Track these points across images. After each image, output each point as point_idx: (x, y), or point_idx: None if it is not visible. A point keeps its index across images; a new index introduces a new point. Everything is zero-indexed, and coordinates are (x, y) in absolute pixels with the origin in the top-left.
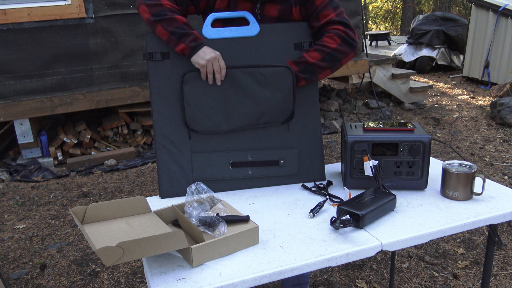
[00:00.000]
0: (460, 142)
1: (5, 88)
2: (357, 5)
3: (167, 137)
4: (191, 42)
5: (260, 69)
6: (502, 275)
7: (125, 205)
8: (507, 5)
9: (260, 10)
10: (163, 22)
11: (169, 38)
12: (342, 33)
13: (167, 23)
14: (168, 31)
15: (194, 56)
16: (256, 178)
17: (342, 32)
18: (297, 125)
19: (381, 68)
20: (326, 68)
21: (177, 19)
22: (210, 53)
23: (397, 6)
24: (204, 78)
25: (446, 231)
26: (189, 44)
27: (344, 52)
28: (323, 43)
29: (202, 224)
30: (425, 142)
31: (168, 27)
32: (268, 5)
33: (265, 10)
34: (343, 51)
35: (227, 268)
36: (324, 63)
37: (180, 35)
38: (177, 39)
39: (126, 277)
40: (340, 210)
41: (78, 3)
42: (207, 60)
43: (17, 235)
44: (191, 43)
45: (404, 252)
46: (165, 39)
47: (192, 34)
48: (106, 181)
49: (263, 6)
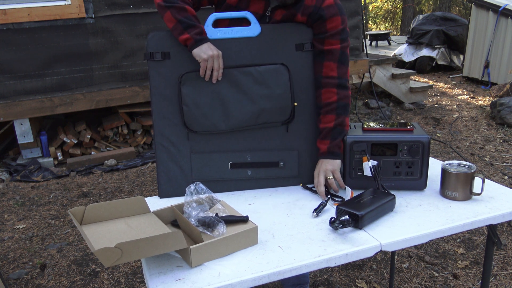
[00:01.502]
0: (460, 142)
1: (5, 88)
2: (357, 5)
3: (167, 137)
4: (197, 35)
5: (257, 68)
6: (502, 275)
7: (124, 205)
8: (507, 5)
9: (270, 13)
10: (173, 9)
11: (175, 26)
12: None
13: (176, 11)
14: (177, 19)
15: (197, 49)
16: (256, 179)
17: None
18: (297, 126)
19: (381, 68)
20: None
21: (187, 9)
22: (213, 50)
23: (397, 6)
24: (202, 74)
25: (445, 231)
26: (195, 36)
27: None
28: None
29: (201, 224)
30: (424, 142)
31: (177, 15)
32: (279, 10)
33: (274, 13)
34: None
35: (226, 269)
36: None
37: (187, 25)
38: (184, 28)
39: (126, 277)
40: (339, 211)
41: (78, 3)
42: (209, 56)
43: (17, 235)
44: (197, 36)
45: (404, 252)
46: (171, 26)
47: (199, 27)
48: (106, 181)
49: (274, 9)
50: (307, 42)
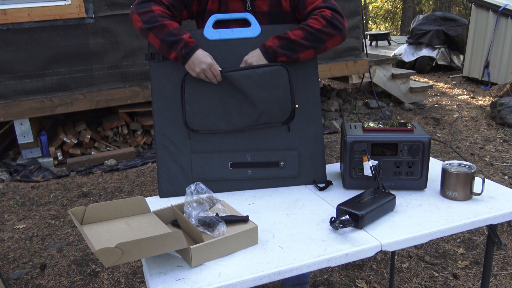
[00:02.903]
0: (460, 142)
1: (5, 88)
2: (357, 5)
3: (167, 137)
4: (182, 50)
5: (256, 70)
6: (502, 275)
7: (124, 205)
8: (507, 5)
9: (251, 7)
10: (154, 30)
11: (160, 46)
12: (328, 16)
13: (157, 30)
14: (159, 39)
15: (186, 65)
16: (256, 179)
17: (329, 15)
18: (298, 126)
19: (381, 68)
20: (308, 47)
21: (167, 25)
22: (200, 64)
23: (397, 6)
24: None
25: (446, 231)
26: (180, 53)
27: (329, 34)
28: (308, 23)
29: (201, 224)
30: (425, 142)
31: (159, 35)
32: (258, 1)
33: (256, 6)
34: (328, 32)
35: (226, 268)
36: (306, 42)
37: (170, 43)
38: (168, 47)
39: (126, 277)
40: (339, 210)
41: (78, 3)
42: (197, 73)
43: (17, 235)
44: (182, 51)
45: (404, 252)
46: (157, 47)
47: (182, 40)
48: (106, 181)
49: (253, 2)
50: None
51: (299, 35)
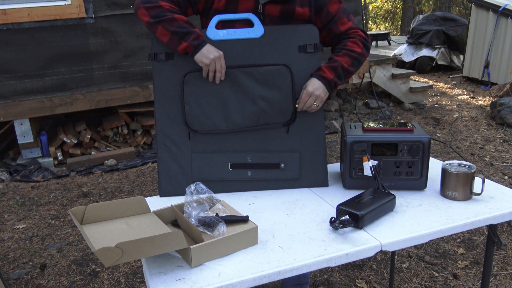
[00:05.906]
0: (460, 142)
1: (5, 88)
2: (357, 5)
3: (169, 136)
4: (194, 40)
5: (259, 69)
6: (502, 275)
7: (124, 205)
8: (507, 5)
9: (262, 9)
10: (163, 23)
11: (170, 39)
12: (362, 38)
13: (168, 23)
14: (170, 31)
15: (198, 54)
16: (256, 180)
17: (363, 36)
18: (300, 128)
19: (381, 68)
20: (353, 72)
21: (177, 18)
22: (214, 52)
23: (397, 6)
24: (205, 76)
25: (446, 231)
26: (192, 42)
27: (365, 56)
28: (350, 48)
29: (201, 224)
30: (425, 142)
31: (170, 27)
32: (269, 5)
33: (266, 9)
34: (364, 55)
35: (226, 269)
36: (352, 68)
37: (182, 33)
38: (180, 37)
39: (126, 277)
40: (339, 210)
41: (78, 3)
42: (211, 59)
43: (17, 235)
44: (194, 41)
45: (404, 252)
46: (166, 40)
47: (194, 32)
48: (106, 181)
49: (264, 5)
50: (310, 43)
51: (348, 62)
